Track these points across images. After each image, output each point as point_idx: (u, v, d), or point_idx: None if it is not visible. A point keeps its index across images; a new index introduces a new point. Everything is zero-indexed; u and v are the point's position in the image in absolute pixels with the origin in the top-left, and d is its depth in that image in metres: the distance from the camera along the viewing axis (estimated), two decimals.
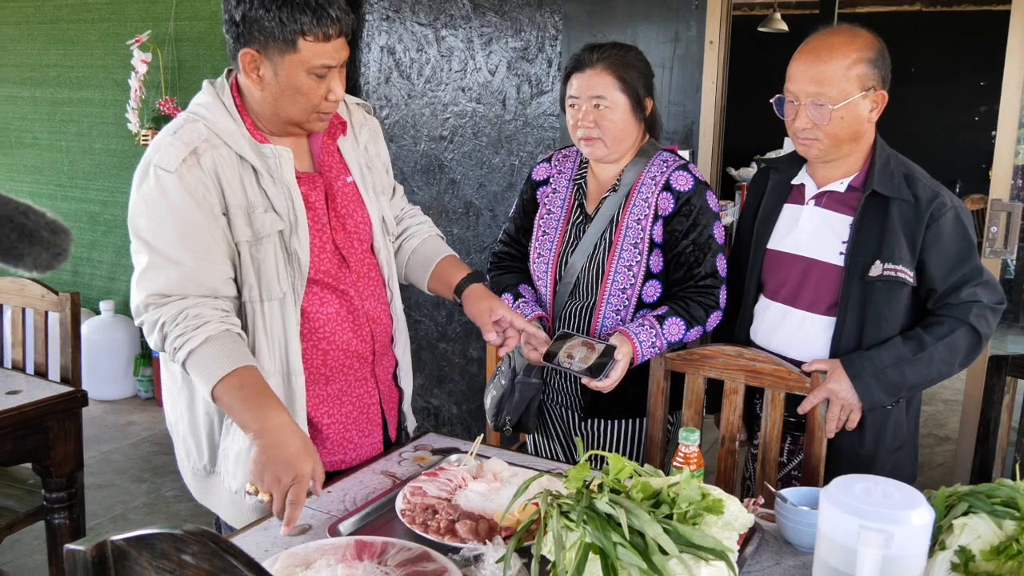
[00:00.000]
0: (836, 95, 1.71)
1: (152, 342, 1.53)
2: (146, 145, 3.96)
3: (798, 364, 1.83)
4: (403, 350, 1.85)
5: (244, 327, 1.59)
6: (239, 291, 1.59)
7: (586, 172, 2.05)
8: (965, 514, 1.24)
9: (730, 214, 5.52)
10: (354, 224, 1.71)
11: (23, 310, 2.58)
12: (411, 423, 1.92)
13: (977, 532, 1.20)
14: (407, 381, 1.87)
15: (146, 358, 4.48)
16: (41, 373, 2.52)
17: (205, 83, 1.64)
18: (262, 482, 1.41)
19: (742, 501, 1.35)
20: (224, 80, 1.63)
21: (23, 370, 2.55)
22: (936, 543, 1.23)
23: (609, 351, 1.81)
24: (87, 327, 4.35)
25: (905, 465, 1.90)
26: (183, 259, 1.50)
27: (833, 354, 1.82)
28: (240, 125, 1.58)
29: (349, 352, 1.70)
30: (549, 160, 2.13)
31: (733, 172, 7.29)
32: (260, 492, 1.42)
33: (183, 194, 1.50)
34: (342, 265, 1.68)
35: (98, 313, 4.48)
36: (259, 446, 1.42)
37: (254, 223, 1.56)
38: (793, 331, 1.88)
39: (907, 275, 1.76)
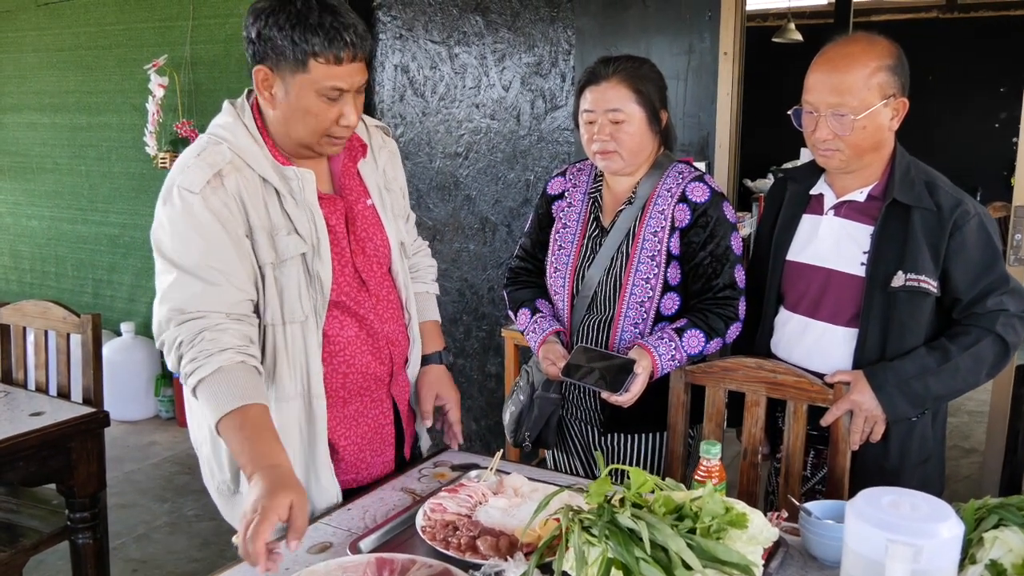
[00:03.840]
0: (857, 105, 1.69)
1: (170, 362, 1.52)
2: (164, 168, 4.01)
3: (820, 376, 1.81)
4: (417, 371, 1.85)
5: (264, 350, 1.59)
6: (261, 313, 1.59)
7: (601, 185, 2.04)
8: (995, 527, 1.22)
9: (747, 226, 5.50)
10: (373, 247, 1.71)
11: (45, 332, 2.60)
12: (425, 442, 1.92)
13: (1008, 545, 1.18)
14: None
15: (167, 378, 4.51)
16: (64, 394, 2.54)
17: (225, 104, 1.64)
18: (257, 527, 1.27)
19: (765, 515, 1.33)
20: (244, 101, 1.62)
21: (46, 392, 2.57)
22: (966, 557, 1.21)
23: (628, 365, 1.80)
24: (108, 349, 4.39)
25: (932, 478, 1.86)
26: (207, 276, 1.50)
27: (856, 366, 1.79)
28: (263, 147, 1.58)
29: (367, 375, 1.70)
30: (564, 174, 2.13)
31: (750, 183, 7.26)
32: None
33: (208, 215, 1.50)
34: (361, 288, 1.68)
35: (119, 335, 4.52)
36: (253, 485, 1.34)
37: (277, 245, 1.56)
38: (814, 343, 1.86)
39: (931, 285, 1.73)
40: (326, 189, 1.67)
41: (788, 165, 6.36)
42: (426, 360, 1.87)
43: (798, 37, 6.94)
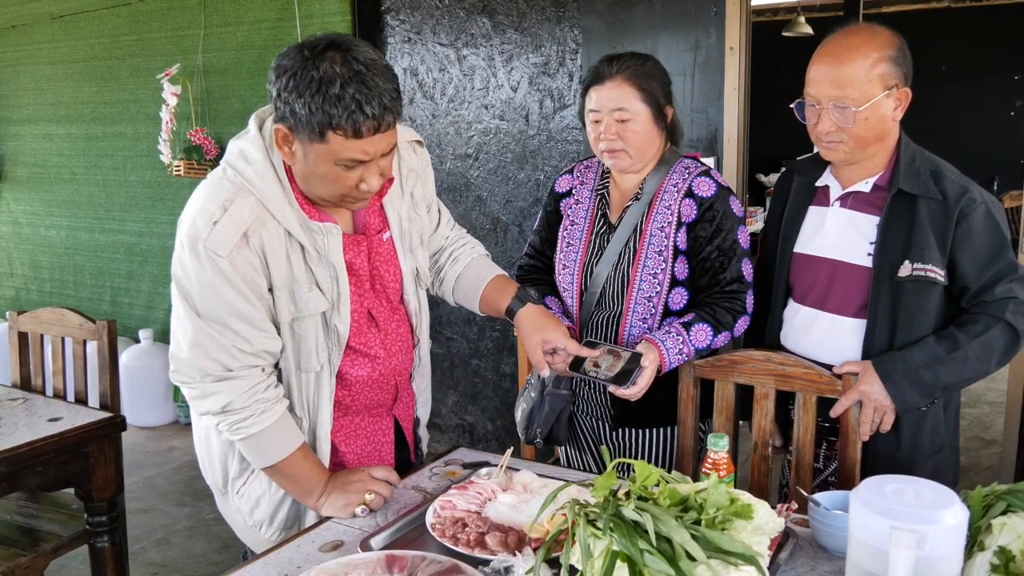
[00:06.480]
0: (859, 97, 1.69)
1: (201, 408, 1.55)
2: (179, 176, 4.06)
3: (830, 368, 1.80)
4: (423, 386, 1.87)
5: None
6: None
7: (608, 182, 2.05)
8: (1004, 513, 1.21)
9: (759, 220, 5.48)
10: (382, 283, 1.69)
11: (63, 339, 2.64)
12: (424, 441, 1.95)
13: (1017, 532, 1.17)
14: (424, 411, 1.90)
15: None
16: (81, 400, 2.58)
17: (253, 128, 1.54)
18: (356, 494, 1.59)
19: (774, 507, 1.33)
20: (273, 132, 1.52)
21: (64, 398, 2.61)
22: (974, 544, 1.20)
23: (636, 359, 1.80)
24: (127, 355, 4.44)
25: (945, 468, 1.85)
26: (239, 328, 1.51)
27: (865, 357, 1.78)
28: (290, 196, 1.52)
29: (371, 403, 1.73)
30: (571, 172, 2.13)
31: (763, 178, 7.23)
32: (362, 504, 1.59)
33: (236, 276, 1.49)
34: (371, 326, 1.67)
35: (137, 341, 4.57)
36: (328, 492, 1.60)
37: (298, 301, 1.55)
38: (823, 335, 1.85)
39: (938, 274, 1.72)
40: (348, 228, 1.64)
41: (801, 159, 6.31)
42: (513, 308, 1.78)
43: (808, 30, 6.90)
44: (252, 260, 1.50)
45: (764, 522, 1.18)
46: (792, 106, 1.81)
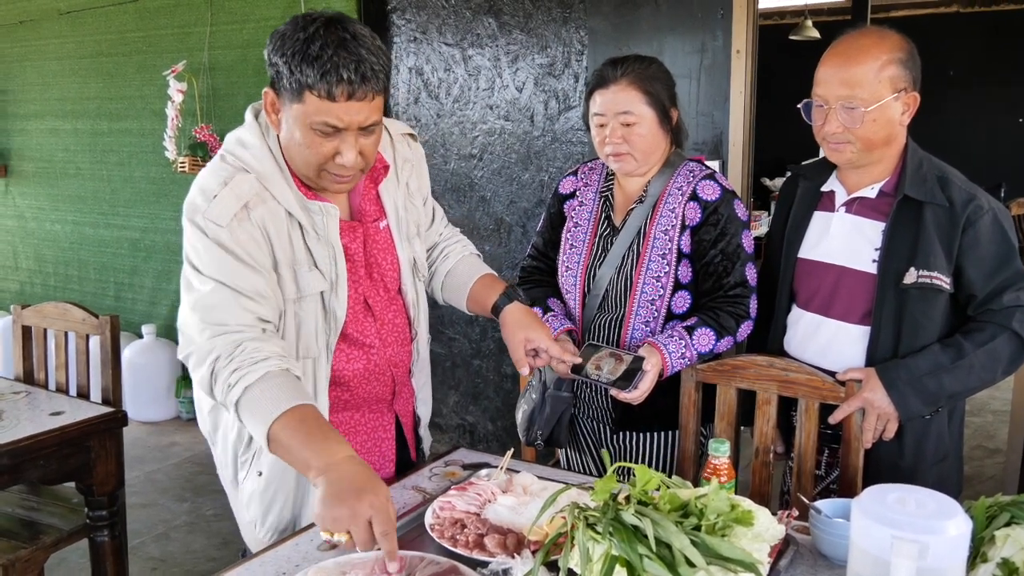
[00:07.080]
0: (868, 97, 1.68)
1: (199, 375, 1.46)
2: (184, 172, 4.06)
3: (833, 374, 1.79)
4: (422, 382, 1.85)
5: None
6: None
7: (612, 184, 2.04)
8: (1007, 525, 1.20)
9: (764, 224, 5.47)
10: (380, 272, 1.68)
11: (65, 334, 2.65)
12: (427, 443, 1.93)
13: (1020, 543, 1.17)
14: (424, 409, 1.88)
15: (187, 380, 4.56)
16: (83, 395, 2.58)
17: (249, 117, 1.58)
18: (336, 522, 1.27)
19: (775, 514, 1.32)
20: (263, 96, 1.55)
21: (66, 392, 2.61)
22: (978, 555, 1.19)
23: (638, 362, 1.79)
24: (130, 351, 4.44)
25: (949, 477, 1.84)
26: (243, 289, 1.47)
27: (869, 364, 1.77)
28: (287, 177, 1.53)
29: (370, 398, 1.72)
30: (575, 173, 2.13)
31: (768, 182, 7.22)
32: (336, 534, 1.27)
33: (235, 246, 1.48)
34: (367, 314, 1.67)
35: (140, 337, 4.57)
36: (326, 482, 1.30)
37: (300, 280, 1.55)
38: (827, 341, 1.84)
39: (943, 282, 1.71)
40: (344, 215, 1.64)
41: (807, 163, 6.30)
42: (499, 305, 1.76)
43: (815, 34, 6.89)
44: (253, 233, 1.49)
45: (764, 529, 1.17)
46: (799, 106, 1.80)
